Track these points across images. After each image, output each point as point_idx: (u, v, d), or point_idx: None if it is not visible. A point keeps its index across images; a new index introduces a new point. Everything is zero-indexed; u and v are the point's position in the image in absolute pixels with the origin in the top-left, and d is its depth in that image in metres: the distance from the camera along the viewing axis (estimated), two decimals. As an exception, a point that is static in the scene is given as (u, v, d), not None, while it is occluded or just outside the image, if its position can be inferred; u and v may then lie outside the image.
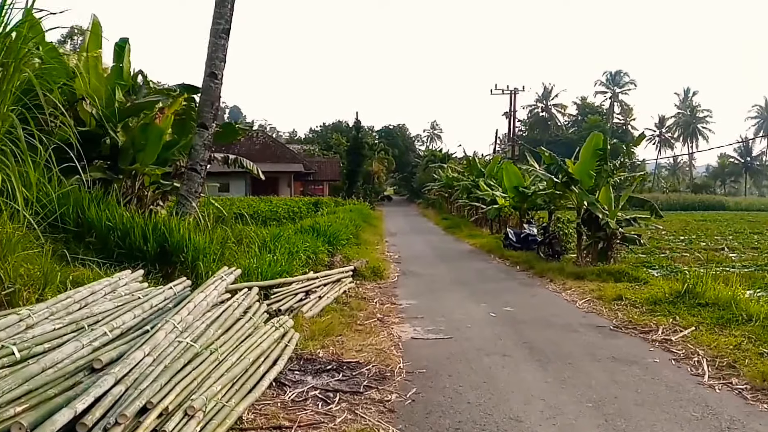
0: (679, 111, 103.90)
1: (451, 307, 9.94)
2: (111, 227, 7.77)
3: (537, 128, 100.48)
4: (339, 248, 15.58)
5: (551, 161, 18.82)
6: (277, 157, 48.28)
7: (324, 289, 9.51)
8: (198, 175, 9.74)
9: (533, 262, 15.49)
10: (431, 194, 53.66)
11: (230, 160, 16.16)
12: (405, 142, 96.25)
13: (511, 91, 45.50)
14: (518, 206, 22.04)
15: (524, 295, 11.52)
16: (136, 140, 11.13)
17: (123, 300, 5.42)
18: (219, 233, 10.34)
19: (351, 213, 27.33)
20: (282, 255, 10.12)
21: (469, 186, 31.63)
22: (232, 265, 8.39)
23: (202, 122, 9.81)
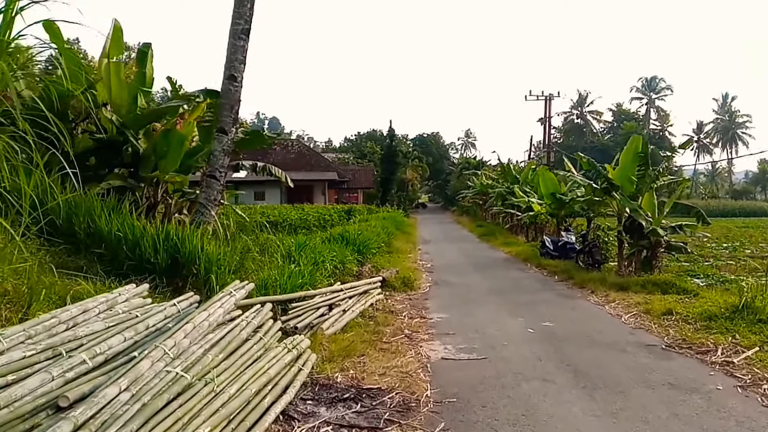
0: (718, 116, 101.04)
1: (485, 322, 9.22)
2: (121, 237, 7.29)
3: (572, 135, 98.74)
4: (369, 257, 14.99)
5: (589, 167, 17.92)
6: (312, 165, 48.07)
7: (349, 302, 8.90)
8: (217, 182, 9.25)
9: (572, 272, 14.63)
10: (465, 201, 52.81)
11: (259, 167, 15.73)
12: (439, 150, 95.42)
13: (546, 97, 44.38)
14: (555, 213, 21.14)
15: (564, 307, 10.71)
16: (157, 147, 10.72)
17: (117, 319, 4.88)
18: (240, 243, 9.84)
19: (384, 221, 26.74)
20: (306, 266, 9.55)
21: (503, 193, 30.77)
22: (249, 277, 7.86)
23: (221, 127, 9.33)
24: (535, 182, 26.34)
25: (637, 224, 14.48)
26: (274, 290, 7.61)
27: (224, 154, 9.29)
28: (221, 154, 9.25)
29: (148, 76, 11.62)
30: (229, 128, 9.30)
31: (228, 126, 9.30)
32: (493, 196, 33.77)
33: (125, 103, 11.16)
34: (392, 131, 60.89)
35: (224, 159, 9.29)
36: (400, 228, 29.59)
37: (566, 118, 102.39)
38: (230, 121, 9.33)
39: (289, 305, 7.33)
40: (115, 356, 4.28)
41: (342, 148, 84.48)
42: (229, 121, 9.33)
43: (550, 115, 42.66)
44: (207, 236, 9.17)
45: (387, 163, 58.31)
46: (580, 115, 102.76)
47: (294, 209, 24.78)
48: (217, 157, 9.26)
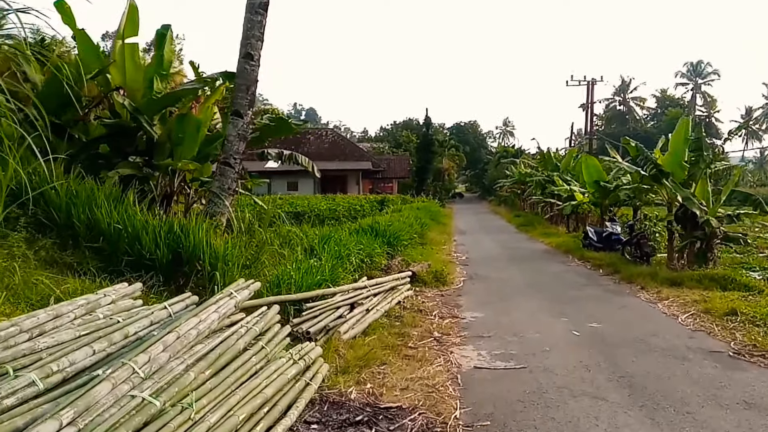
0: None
1: (524, 322, 8.33)
2: (120, 230, 6.65)
3: (614, 122, 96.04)
4: (400, 250, 14.18)
5: (637, 152, 16.76)
6: (346, 155, 47.42)
7: (373, 300, 8.11)
8: (231, 169, 8.56)
9: (619, 265, 13.56)
10: (503, 191, 51.50)
11: (285, 155, 15.06)
12: (476, 139, 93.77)
13: (588, 82, 42.75)
14: (598, 202, 19.95)
15: (612, 305, 9.73)
16: (172, 133, 10.10)
17: (93, 326, 4.19)
18: (257, 236, 9.15)
19: (418, 211, 25.89)
20: (328, 260, 8.80)
21: (543, 181, 29.54)
22: (262, 274, 7.15)
23: (236, 110, 8.63)
24: (576, 170, 25.11)
25: (690, 213, 13.39)
26: (287, 288, 6.87)
27: (239, 139, 8.58)
28: (236, 139, 8.54)
29: (166, 59, 10.99)
30: (244, 111, 8.58)
31: (243, 108, 8.58)
32: (532, 185, 32.56)
33: (141, 88, 10.56)
34: (428, 119, 59.74)
35: (239, 144, 8.58)
36: (434, 218, 28.69)
37: (608, 104, 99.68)
38: (246, 103, 8.61)
39: (303, 305, 6.58)
40: (77, 374, 3.58)
41: (377, 137, 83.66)
42: (245, 103, 8.60)
43: (592, 101, 41.06)
44: (220, 228, 8.52)
45: (423, 152, 57.19)
46: (622, 101, 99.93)
47: (324, 199, 24.11)
48: (231, 142, 8.56)
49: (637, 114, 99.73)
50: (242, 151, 8.74)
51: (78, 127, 10.08)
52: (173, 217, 7.02)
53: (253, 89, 8.77)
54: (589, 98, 41.22)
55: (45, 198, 7.14)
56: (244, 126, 8.62)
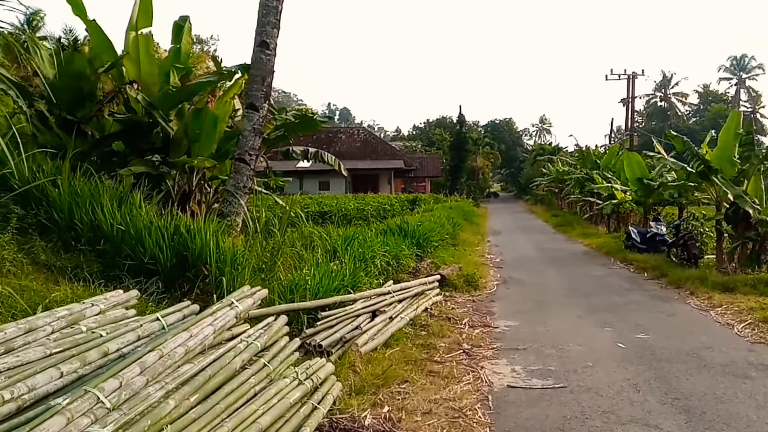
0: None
1: (563, 332, 7.62)
2: (123, 231, 6.17)
3: (655, 119, 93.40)
4: (430, 251, 13.54)
5: (683, 147, 15.78)
6: (377, 153, 46.89)
7: (398, 307, 7.51)
8: (246, 166, 8.05)
9: (665, 268, 12.68)
10: (539, 190, 50.32)
11: (311, 153, 14.58)
12: (512, 137, 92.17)
13: (628, 76, 41.26)
14: (641, 201, 18.96)
15: (660, 313, 8.93)
16: (189, 129, 9.66)
17: (70, 342, 3.69)
18: (275, 237, 8.63)
19: (450, 210, 25.15)
20: (350, 263, 8.22)
21: (582, 179, 28.49)
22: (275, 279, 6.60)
23: (251, 102, 8.12)
24: (617, 167, 24.12)
25: (742, 212, 12.51)
26: (302, 295, 6.30)
27: (255, 134, 8.06)
28: (251, 134, 8.03)
29: (184, 51, 10.57)
30: (260, 104, 8.06)
31: (259, 101, 8.06)
32: (570, 183, 31.51)
33: (156, 81, 10.14)
34: (462, 117, 58.75)
35: (255, 140, 8.06)
36: (468, 218, 27.91)
37: (648, 100, 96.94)
38: (261, 95, 8.09)
39: (319, 314, 6.00)
40: (39, 401, 3.06)
41: (410, 136, 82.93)
42: (261, 96, 8.08)
43: (633, 95, 39.59)
44: (235, 229, 8.02)
45: (456, 150, 56.24)
46: (663, 97, 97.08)
47: (354, 199, 23.60)
48: (246, 137, 8.04)
49: (679, 110, 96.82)
50: (258, 147, 8.23)
51: (92, 123, 9.73)
52: (182, 218, 6.50)
53: (269, 80, 8.24)
54: (629, 93, 39.78)
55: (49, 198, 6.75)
56: (260, 120, 8.10)
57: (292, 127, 13.51)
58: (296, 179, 43.23)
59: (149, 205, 7.06)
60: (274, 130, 13.27)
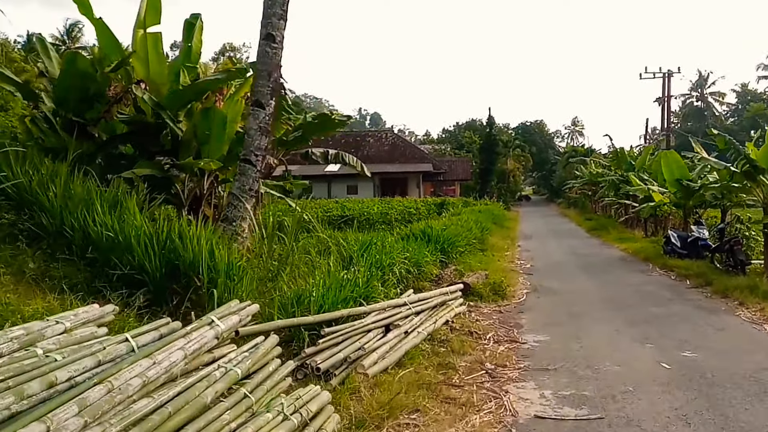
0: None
1: (599, 349, 6.86)
2: (113, 239, 5.65)
3: (691, 119, 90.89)
4: (455, 257, 12.84)
5: (726, 146, 14.79)
6: (406, 157, 46.25)
7: (415, 320, 6.85)
8: (253, 168, 7.49)
9: (709, 276, 11.75)
10: (572, 193, 49.04)
11: (330, 155, 14.02)
12: (543, 139, 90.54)
13: (664, 74, 39.86)
14: (681, 203, 17.90)
15: (707, 327, 8.09)
16: (198, 130, 9.16)
17: (15, 369, 3.13)
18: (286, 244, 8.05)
19: (479, 214, 24.37)
20: (364, 271, 7.60)
21: (616, 181, 27.39)
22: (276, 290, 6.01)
23: (256, 99, 7.56)
24: (653, 169, 22.99)
25: (795, 216, 11.54)
26: (307, 308, 5.69)
27: (261, 133, 7.50)
28: (257, 133, 7.47)
29: (195, 50, 10.08)
30: (266, 101, 7.50)
31: (265, 98, 7.50)
32: (605, 185, 30.39)
33: (166, 81, 9.67)
34: (491, 119, 57.72)
35: (261, 139, 7.50)
36: (498, 222, 27.07)
37: (684, 100, 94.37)
38: (268, 91, 7.52)
39: (322, 330, 5.37)
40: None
41: (439, 139, 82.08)
42: (267, 92, 7.52)
43: (669, 94, 38.21)
44: (241, 235, 7.47)
45: (486, 152, 55.22)
46: (700, 97, 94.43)
47: (380, 203, 23.00)
48: (252, 136, 7.49)
49: (716, 110, 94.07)
50: (265, 147, 7.65)
51: (100, 125, 9.31)
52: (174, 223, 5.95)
53: (276, 75, 7.68)
54: (665, 91, 38.40)
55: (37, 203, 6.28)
56: (267, 118, 7.53)
57: (310, 127, 12.97)
58: (324, 183, 42.93)
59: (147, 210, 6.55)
60: (293, 131, 12.77)
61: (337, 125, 13.49)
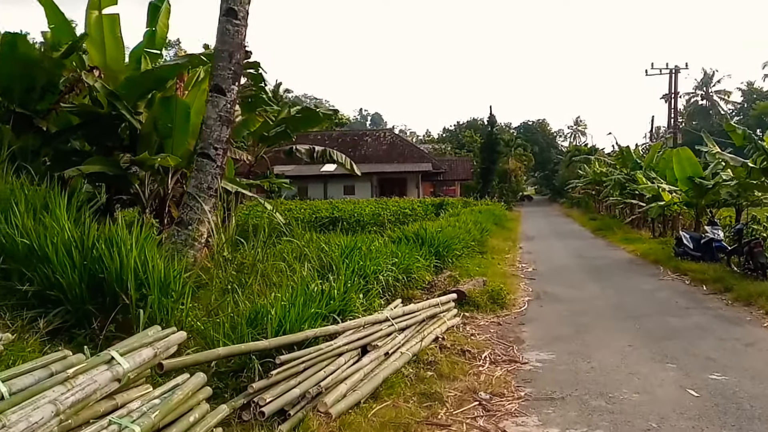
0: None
1: (613, 370, 5.89)
2: (29, 247, 4.69)
3: (696, 118, 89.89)
4: (452, 261, 11.87)
5: (745, 140, 13.82)
6: (405, 157, 45.28)
7: (398, 338, 5.88)
8: (212, 163, 6.53)
9: (728, 281, 10.74)
10: (575, 192, 48.01)
11: (317, 152, 13.09)
12: (545, 138, 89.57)
13: (671, 70, 38.89)
14: (693, 202, 16.92)
15: (733, 341, 7.10)
16: (158, 122, 8.22)
17: None
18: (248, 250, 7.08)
19: (480, 215, 23.36)
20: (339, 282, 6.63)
21: (623, 180, 26.38)
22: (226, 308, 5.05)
23: (216, 84, 6.61)
24: (660, 167, 22.00)
25: (820, 215, 10.54)
26: (262, 330, 4.72)
27: (222, 123, 6.54)
28: (217, 123, 6.51)
29: (159, 35, 9.12)
30: (228, 85, 6.54)
31: (226, 82, 6.54)
32: (609, 185, 29.39)
33: (124, 69, 8.76)
34: (492, 118, 56.63)
35: (221, 130, 6.54)
36: (499, 223, 26.07)
37: (689, 99, 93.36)
38: (229, 75, 6.56)
39: (279, 357, 4.38)
40: None
41: (440, 139, 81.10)
42: (228, 76, 6.55)
43: (676, 91, 37.29)
44: (198, 241, 6.50)
45: (487, 152, 54.16)
46: (705, 95, 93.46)
47: (375, 203, 22.01)
48: (211, 127, 6.53)
49: (722, 108, 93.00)
50: (226, 139, 6.69)
51: (50, 117, 8.36)
52: (102, 228, 4.98)
53: (239, 56, 6.71)
54: (672, 88, 37.45)
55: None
56: (228, 106, 6.57)
57: (293, 122, 12.04)
58: (321, 184, 42.00)
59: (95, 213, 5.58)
60: (275, 126, 11.85)
61: (322, 119, 12.58)
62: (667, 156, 21.37)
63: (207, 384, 3.78)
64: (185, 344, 4.31)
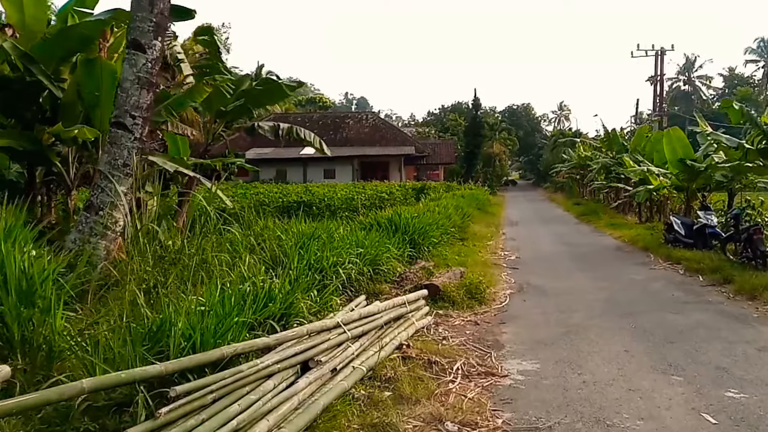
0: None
1: (609, 386, 4.90)
2: None
3: (678, 103, 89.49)
4: (428, 249, 10.85)
5: (743, 119, 12.92)
6: (387, 140, 44.08)
7: (352, 348, 4.84)
8: (128, 134, 5.41)
9: (727, 271, 9.85)
10: (560, 177, 47.25)
11: (282, 130, 11.93)
12: (530, 123, 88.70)
13: (656, 52, 38.04)
14: (684, 186, 16.00)
15: (743, 345, 6.17)
16: (83, 89, 7.06)
17: None
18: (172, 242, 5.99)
19: (462, 199, 22.40)
20: (283, 278, 5.58)
21: (609, 164, 25.52)
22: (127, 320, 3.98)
23: (134, 39, 5.48)
24: (647, 150, 21.11)
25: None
26: (165, 347, 3.65)
27: (141, 87, 5.42)
28: (134, 86, 5.39)
29: (92, -8, 7.95)
30: (148, 40, 5.41)
31: (146, 37, 5.41)
32: (594, 169, 28.52)
33: (46, 29, 7.57)
34: (477, 101, 55.54)
35: (141, 94, 5.41)
36: (482, 208, 25.13)
37: (671, 84, 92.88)
38: (149, 28, 5.42)
39: (174, 389, 3.31)
40: None
41: (424, 122, 79.90)
42: (148, 29, 5.41)
43: (662, 73, 36.43)
44: (112, 229, 5.40)
45: (471, 136, 53.16)
46: (687, 81, 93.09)
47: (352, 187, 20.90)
48: (127, 90, 5.40)
49: (704, 94, 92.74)
50: (148, 106, 5.55)
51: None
52: None
53: (162, 5, 5.56)
54: (657, 70, 36.58)
55: None
56: (149, 65, 5.44)
57: (254, 96, 10.87)
58: (300, 167, 40.72)
59: None
60: (234, 100, 10.70)
61: (285, 93, 11.38)
62: (654, 138, 20.50)
63: (72, 426, 2.73)
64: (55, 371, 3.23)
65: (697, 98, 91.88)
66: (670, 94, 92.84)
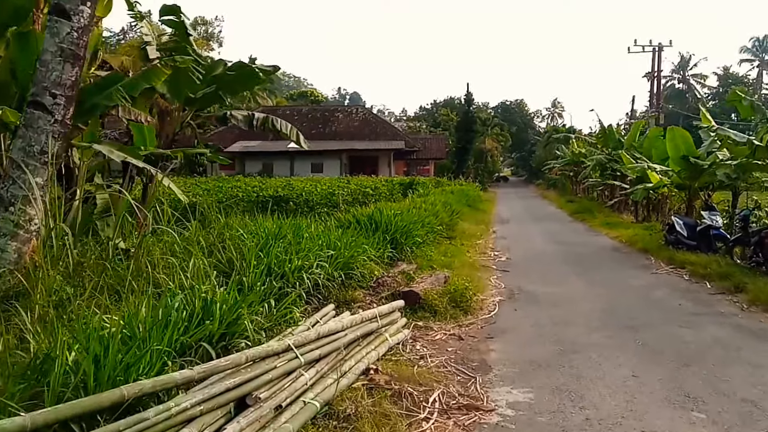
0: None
1: (618, 427, 4.05)
2: None
3: (673, 101, 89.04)
4: (411, 250, 9.98)
5: (754, 112, 12.12)
6: (377, 134, 43.14)
7: (305, 376, 3.96)
8: (47, 116, 4.51)
9: (737, 277, 9.04)
10: (552, 174, 46.48)
11: (257, 120, 11.03)
12: (523, 119, 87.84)
13: (654, 48, 37.30)
14: (685, 184, 15.17)
15: (763, 366, 5.33)
16: (16, 67, 6.13)
17: None
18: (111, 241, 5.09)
19: (451, 195, 21.52)
20: (232, 288, 4.70)
21: (604, 161, 24.72)
22: None
23: (57, 4, 4.56)
24: (645, 147, 20.31)
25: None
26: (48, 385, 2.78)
27: (64, 60, 4.51)
28: (56, 59, 4.49)
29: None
30: (74, 5, 4.49)
31: (72, 2, 4.48)
32: (588, 165, 27.74)
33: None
34: (469, 95, 54.47)
35: (64, 68, 4.50)
36: (472, 204, 24.27)
37: (666, 82, 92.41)
38: (72, -12, 4.49)
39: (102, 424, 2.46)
40: None
41: (415, 117, 78.94)
42: (71, -11, 4.49)
43: (660, 68, 35.70)
44: (24, 228, 4.49)
45: (463, 131, 52.13)
46: (682, 79, 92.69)
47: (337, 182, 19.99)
48: (47, 64, 4.49)
49: (699, 92, 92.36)
50: (73, 83, 4.64)
51: None
52: None
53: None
54: (655, 66, 35.84)
55: None
56: (74, 35, 4.53)
57: (226, 81, 10.01)
58: (287, 161, 39.70)
59: None
60: (205, 86, 9.81)
61: (259, 78, 10.46)
62: (651, 135, 19.72)
63: None
64: None
65: (692, 96, 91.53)
66: (664, 92, 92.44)
